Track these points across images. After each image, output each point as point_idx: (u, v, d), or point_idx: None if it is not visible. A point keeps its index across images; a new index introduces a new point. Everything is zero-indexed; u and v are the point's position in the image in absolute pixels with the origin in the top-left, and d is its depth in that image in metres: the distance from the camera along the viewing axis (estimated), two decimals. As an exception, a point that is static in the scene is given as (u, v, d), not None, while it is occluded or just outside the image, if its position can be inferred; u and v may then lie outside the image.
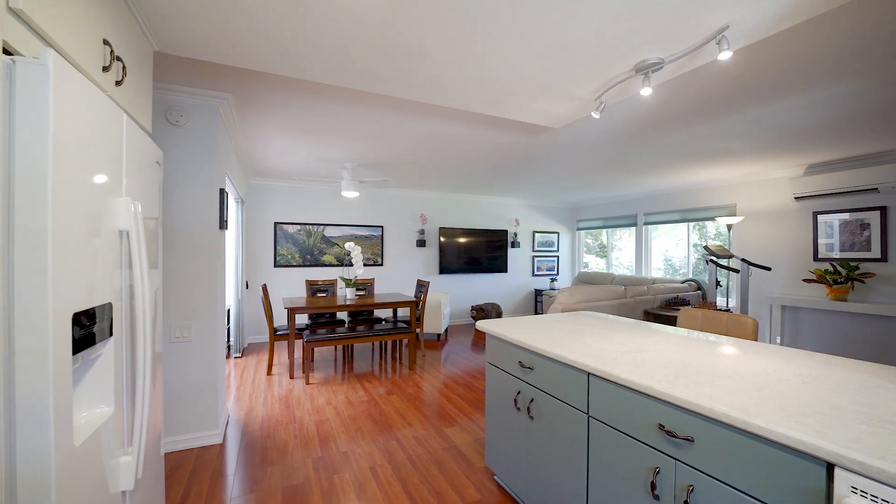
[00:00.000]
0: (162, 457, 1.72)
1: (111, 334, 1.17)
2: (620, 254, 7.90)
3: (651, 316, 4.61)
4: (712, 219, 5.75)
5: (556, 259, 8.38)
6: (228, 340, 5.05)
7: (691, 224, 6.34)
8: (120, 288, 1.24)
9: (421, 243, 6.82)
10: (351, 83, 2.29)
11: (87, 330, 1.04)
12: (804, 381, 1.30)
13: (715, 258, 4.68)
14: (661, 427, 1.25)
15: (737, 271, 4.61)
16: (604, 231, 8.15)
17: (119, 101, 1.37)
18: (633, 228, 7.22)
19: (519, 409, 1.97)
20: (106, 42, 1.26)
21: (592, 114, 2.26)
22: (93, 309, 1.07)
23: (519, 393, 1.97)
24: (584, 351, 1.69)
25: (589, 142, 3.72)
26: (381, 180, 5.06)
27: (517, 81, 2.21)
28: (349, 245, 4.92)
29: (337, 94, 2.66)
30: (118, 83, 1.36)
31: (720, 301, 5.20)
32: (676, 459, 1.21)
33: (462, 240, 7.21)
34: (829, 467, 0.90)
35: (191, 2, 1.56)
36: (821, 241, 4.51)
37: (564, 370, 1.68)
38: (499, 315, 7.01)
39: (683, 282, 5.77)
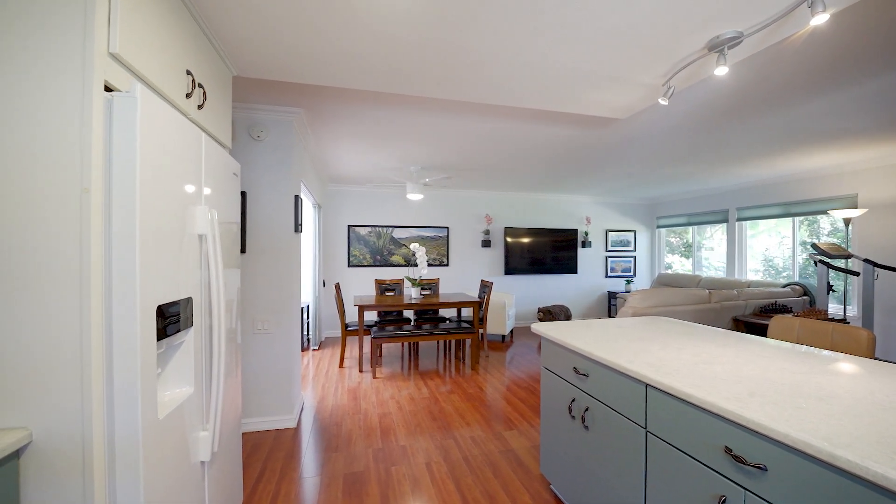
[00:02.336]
0: (240, 435, 1.94)
1: (191, 324, 1.36)
2: (711, 254, 7.09)
3: (741, 324, 4.08)
4: (824, 212, 4.92)
5: (632, 259, 7.80)
6: (307, 334, 5.51)
7: (798, 219, 5.49)
8: (199, 284, 1.42)
9: (486, 243, 6.80)
10: (405, 89, 2.36)
11: (170, 320, 1.22)
12: (925, 410, 1.07)
13: (826, 258, 3.99)
14: (728, 450, 1.10)
15: (856, 274, 3.89)
16: (689, 229, 7.39)
17: (200, 122, 1.58)
18: (724, 225, 6.45)
19: (574, 417, 1.87)
20: (188, 72, 1.46)
21: (660, 100, 2.06)
22: (175, 302, 1.24)
23: (573, 400, 1.88)
24: (645, 360, 1.56)
25: (664, 131, 3.41)
26: (443, 178, 5.14)
27: (568, 73, 2.10)
28: (414, 246, 5.08)
29: (396, 101, 2.77)
30: (200, 107, 1.57)
31: (833, 309, 4.41)
32: (745, 489, 1.06)
33: (529, 240, 7.05)
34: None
35: (261, 30, 1.73)
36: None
37: (620, 379, 1.56)
38: (567, 318, 6.72)
39: (785, 286, 5.00)
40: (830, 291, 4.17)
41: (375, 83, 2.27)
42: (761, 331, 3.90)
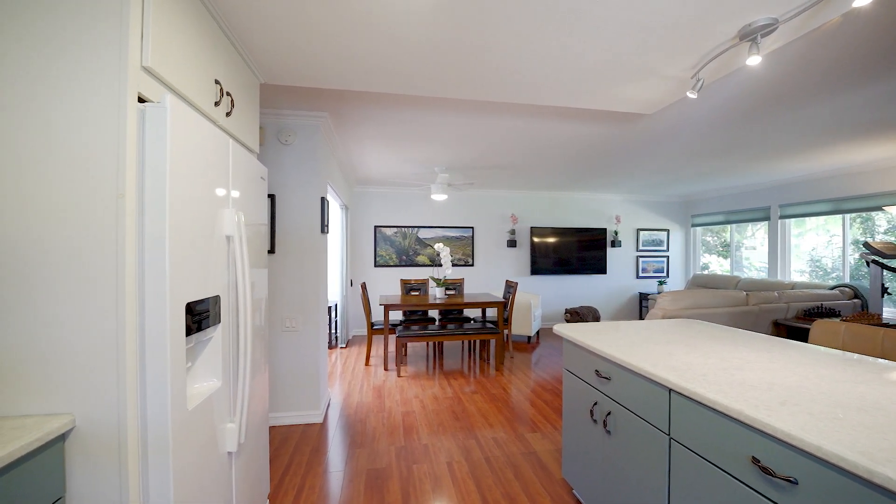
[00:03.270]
0: (267, 428, 2.02)
1: (219, 321, 1.42)
2: (752, 254, 6.72)
3: (782, 328, 3.84)
4: (879, 208, 4.56)
5: (665, 259, 7.51)
6: (335, 332, 5.65)
7: (849, 216, 5.11)
8: (227, 283, 1.49)
9: (512, 243, 6.74)
10: (426, 91, 2.38)
11: (199, 317, 1.29)
12: (982, 425, 0.97)
13: (880, 258, 3.70)
14: (755, 461, 1.05)
15: (917, 276, 3.57)
16: (727, 227, 7.04)
17: (228, 128, 1.66)
18: (766, 223, 6.10)
19: (595, 421, 1.83)
20: (217, 81, 1.53)
21: (688, 94, 1.98)
22: (204, 300, 1.31)
23: (595, 404, 1.83)
24: (669, 363, 1.50)
25: (696, 126, 3.26)
26: (467, 183, 5.14)
27: (591, 69, 2.05)
28: (438, 246, 5.11)
29: (419, 102, 2.80)
30: (228, 114, 1.64)
31: (889, 313, 4.07)
32: (774, 503, 1.01)
33: (555, 239, 6.92)
34: None
35: (286, 40, 1.80)
36: None
37: (643, 383, 1.51)
38: (596, 319, 6.55)
39: (833, 288, 4.67)
40: (885, 294, 3.86)
41: (396, 86, 2.31)
42: (804, 336, 3.66)
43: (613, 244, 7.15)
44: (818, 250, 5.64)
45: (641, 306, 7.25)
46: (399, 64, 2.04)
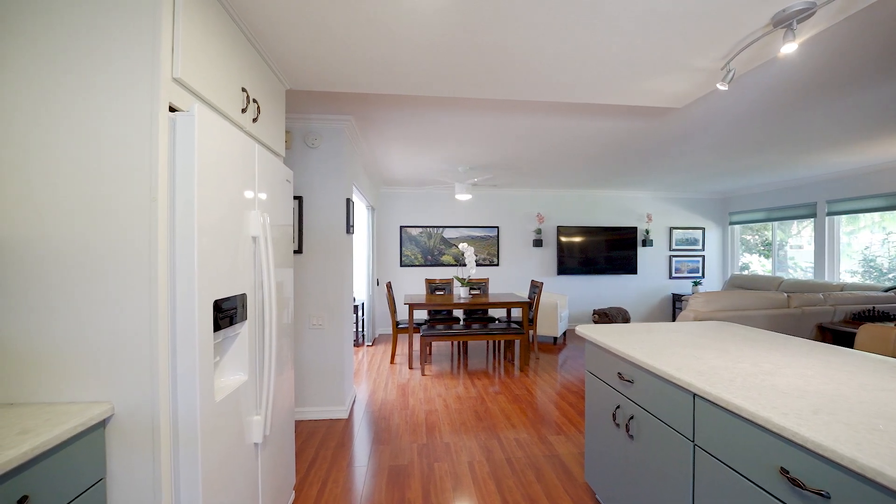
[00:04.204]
0: (293, 423, 2.09)
1: (246, 318, 1.49)
2: (798, 253, 6.32)
3: (828, 333, 3.59)
4: (944, 204, 4.18)
5: (700, 259, 7.19)
6: (362, 330, 5.77)
7: (907, 212, 4.71)
8: (253, 282, 1.56)
9: (538, 243, 6.65)
10: (448, 92, 2.39)
11: (226, 314, 1.35)
12: None
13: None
14: (784, 472, 1.00)
15: None
16: (769, 225, 6.66)
17: (255, 134, 1.73)
18: (812, 221, 5.72)
19: (618, 425, 1.79)
20: (244, 89, 1.61)
21: (718, 86, 1.89)
22: (231, 298, 1.38)
23: (618, 408, 1.79)
24: (695, 367, 1.45)
25: (731, 118, 3.11)
26: (489, 178, 5.11)
27: (614, 63, 2.00)
28: (462, 245, 5.11)
29: (441, 103, 2.82)
30: (254, 120, 1.72)
31: (956, 318, 3.71)
32: (804, 515, 0.95)
33: (583, 239, 6.77)
34: None
35: (310, 47, 1.86)
36: None
37: (667, 387, 1.46)
38: (626, 321, 6.36)
39: (889, 290, 4.32)
40: (949, 297, 3.53)
41: (417, 88, 2.33)
42: (852, 341, 3.41)
43: (644, 243, 6.92)
44: (872, 249, 5.24)
45: (675, 308, 6.97)
46: (418, 67, 2.06)
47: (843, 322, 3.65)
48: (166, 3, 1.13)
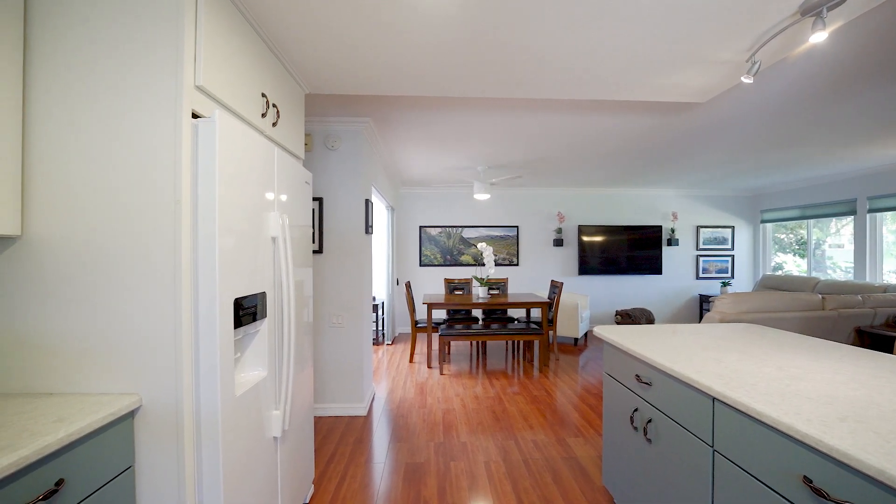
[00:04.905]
0: (312, 419, 2.15)
1: (265, 316, 1.54)
2: (837, 252, 5.99)
3: (867, 337, 3.39)
4: None
5: (729, 259, 6.93)
6: (382, 329, 5.84)
7: (959, 209, 4.40)
8: (273, 281, 1.62)
9: (558, 242, 6.56)
10: (466, 92, 2.40)
11: (246, 312, 1.40)
12: None
13: None
14: (807, 481, 0.96)
15: None
16: (804, 223, 6.34)
17: (274, 137, 1.79)
18: (851, 218, 5.42)
19: (636, 428, 1.75)
20: (263, 94, 1.66)
21: (742, 79, 1.82)
22: (251, 296, 1.43)
23: (636, 410, 1.75)
24: (715, 370, 1.41)
25: (759, 112, 2.99)
26: (513, 177, 5.09)
27: (632, 58, 1.95)
28: (481, 245, 5.11)
29: (458, 103, 2.82)
30: (274, 124, 1.77)
31: None
32: (828, 526, 0.91)
33: (605, 238, 6.64)
34: None
35: (328, 53, 1.90)
36: None
37: (685, 390, 1.42)
38: (650, 322, 6.20)
39: (938, 292, 4.04)
40: None
41: (433, 89, 2.35)
42: (893, 345, 3.21)
43: (670, 242, 6.72)
44: (919, 248, 4.91)
45: (702, 309, 6.74)
46: (434, 69, 2.08)
47: (885, 325, 3.44)
48: (188, 16, 1.18)
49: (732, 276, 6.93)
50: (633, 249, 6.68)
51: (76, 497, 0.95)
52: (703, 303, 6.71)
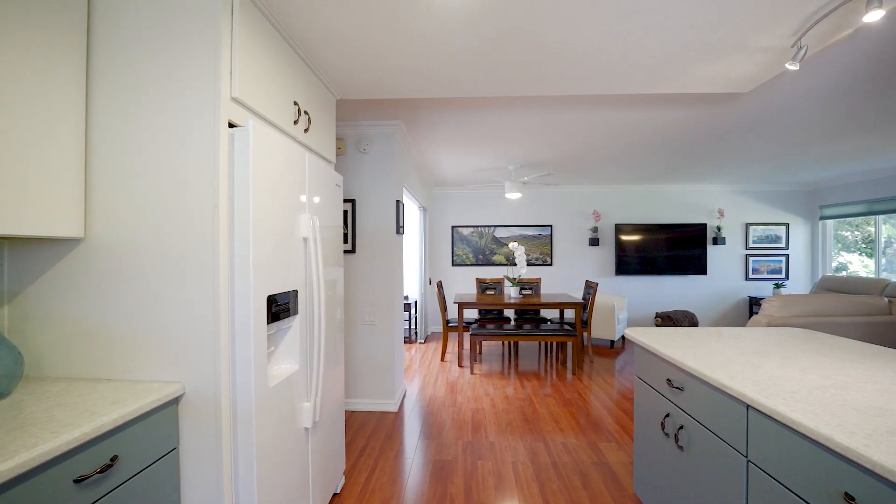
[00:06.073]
0: (342, 412, 2.23)
1: (297, 312, 1.63)
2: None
3: (945, 345, 3.04)
4: None
5: (783, 259, 6.45)
6: (414, 328, 5.93)
7: None
8: (304, 279, 1.70)
9: (594, 242, 6.38)
10: (492, 92, 2.40)
11: (279, 308, 1.49)
12: None
13: None
14: (849, 498, 0.89)
15: None
16: (872, 219, 5.79)
17: (306, 143, 1.88)
18: (928, 214, 4.89)
19: (667, 434, 1.69)
20: (295, 102, 1.75)
21: (787, 66, 1.70)
22: (284, 293, 1.51)
23: (667, 416, 1.69)
24: (751, 376, 1.33)
25: (810, 100, 2.77)
26: (545, 175, 5.02)
27: (667, 49, 1.87)
28: (513, 245, 5.07)
29: (489, 103, 2.83)
30: (306, 130, 1.86)
31: None
32: (871, 546, 0.85)
33: (644, 237, 6.38)
34: None
35: (357, 60, 1.97)
36: None
37: (718, 397, 1.36)
38: (692, 325, 5.89)
39: None
40: None
41: (462, 90, 2.37)
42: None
43: (716, 241, 6.35)
44: None
45: (751, 312, 6.32)
46: (463, 70, 2.10)
47: (966, 333, 3.08)
48: (225, 35, 1.27)
49: (787, 277, 6.45)
50: (675, 248, 6.37)
51: (128, 473, 1.05)
52: (754, 305, 6.29)
